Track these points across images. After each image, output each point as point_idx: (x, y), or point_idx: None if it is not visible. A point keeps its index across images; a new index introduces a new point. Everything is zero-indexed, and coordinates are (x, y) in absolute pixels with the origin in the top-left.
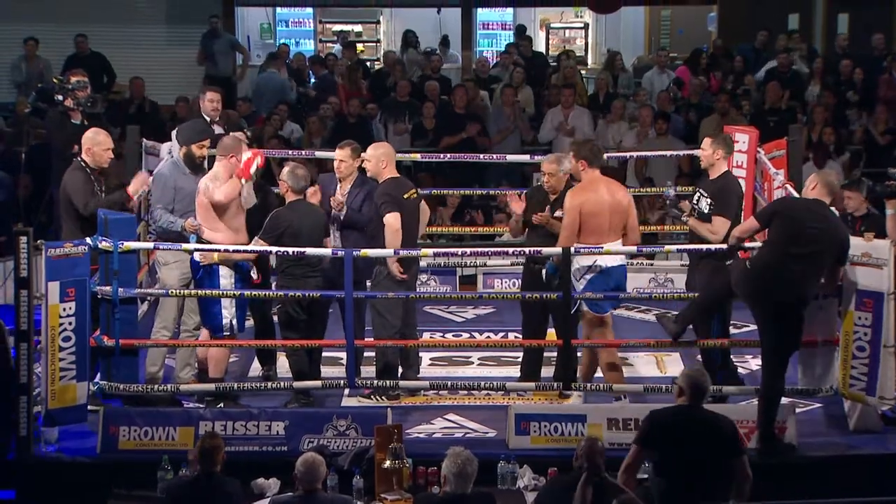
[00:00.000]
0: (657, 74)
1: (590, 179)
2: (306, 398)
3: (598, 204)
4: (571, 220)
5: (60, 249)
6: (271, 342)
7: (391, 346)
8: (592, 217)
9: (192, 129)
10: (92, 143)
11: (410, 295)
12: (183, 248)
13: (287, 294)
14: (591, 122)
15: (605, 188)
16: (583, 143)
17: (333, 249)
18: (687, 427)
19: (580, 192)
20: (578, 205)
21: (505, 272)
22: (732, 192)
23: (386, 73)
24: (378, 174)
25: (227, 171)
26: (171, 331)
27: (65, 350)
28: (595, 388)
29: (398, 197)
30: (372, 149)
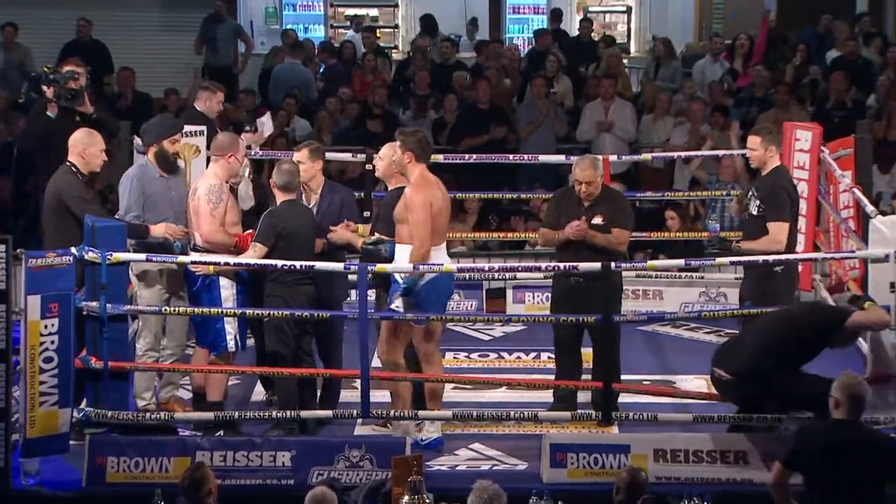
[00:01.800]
0: (709, 63)
1: (422, 174)
2: (292, 424)
3: (442, 201)
4: (426, 216)
5: (42, 260)
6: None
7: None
8: (439, 216)
9: (159, 123)
10: (85, 145)
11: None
12: (178, 260)
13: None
14: (634, 116)
15: (438, 184)
16: (410, 133)
17: (346, 263)
18: (842, 446)
19: (423, 188)
20: (426, 200)
21: (538, 285)
22: (782, 189)
23: (406, 63)
24: (389, 178)
25: (224, 173)
26: (157, 351)
27: (46, 372)
28: (638, 416)
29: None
30: (387, 149)
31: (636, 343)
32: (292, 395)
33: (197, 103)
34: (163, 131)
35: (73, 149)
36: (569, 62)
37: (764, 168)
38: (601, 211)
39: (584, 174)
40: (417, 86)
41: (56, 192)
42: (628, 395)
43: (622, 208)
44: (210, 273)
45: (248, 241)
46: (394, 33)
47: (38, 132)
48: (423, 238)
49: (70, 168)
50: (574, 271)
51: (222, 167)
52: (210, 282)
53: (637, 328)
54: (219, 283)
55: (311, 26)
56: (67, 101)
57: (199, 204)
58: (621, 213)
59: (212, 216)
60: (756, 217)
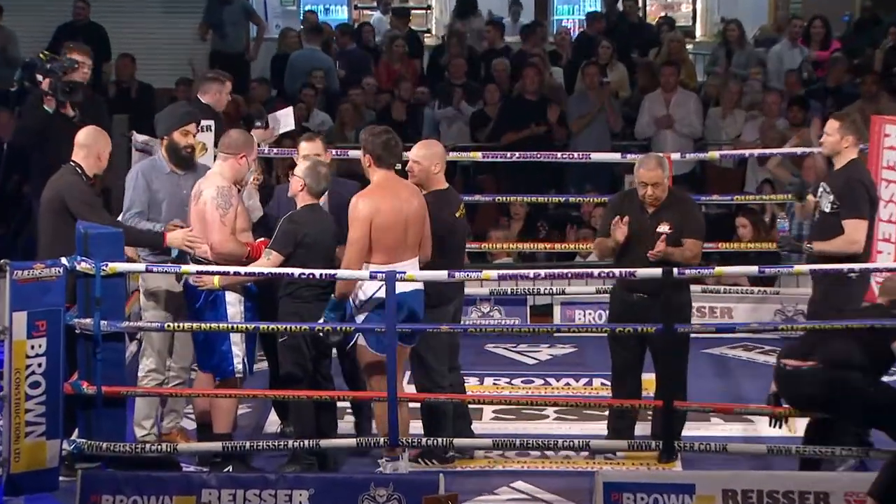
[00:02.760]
0: (787, 49)
1: (380, 181)
2: (310, 458)
3: (394, 213)
4: (361, 233)
5: (30, 271)
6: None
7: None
8: (386, 231)
9: (169, 112)
10: (102, 147)
11: (469, 328)
12: (182, 270)
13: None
14: (700, 109)
15: (399, 193)
16: (376, 132)
17: (371, 272)
18: None
19: (369, 198)
20: (369, 215)
21: (589, 301)
22: (858, 184)
23: (441, 49)
24: (427, 182)
25: (232, 174)
26: (162, 373)
27: (33, 399)
28: (706, 447)
29: (448, 217)
30: (424, 148)
31: (703, 368)
32: (309, 424)
33: (204, 96)
34: (173, 122)
35: (88, 149)
36: (625, 48)
37: (837, 160)
38: (668, 218)
39: (650, 175)
40: (452, 75)
41: (58, 195)
42: (693, 426)
43: (693, 215)
44: (215, 288)
45: (261, 250)
46: (426, 15)
47: (32, 127)
48: (349, 257)
49: (74, 169)
50: (632, 278)
51: (231, 167)
52: (214, 297)
53: (703, 351)
54: (224, 298)
55: (333, 7)
56: (65, 94)
57: (207, 209)
58: (693, 220)
59: (222, 223)
60: (829, 215)
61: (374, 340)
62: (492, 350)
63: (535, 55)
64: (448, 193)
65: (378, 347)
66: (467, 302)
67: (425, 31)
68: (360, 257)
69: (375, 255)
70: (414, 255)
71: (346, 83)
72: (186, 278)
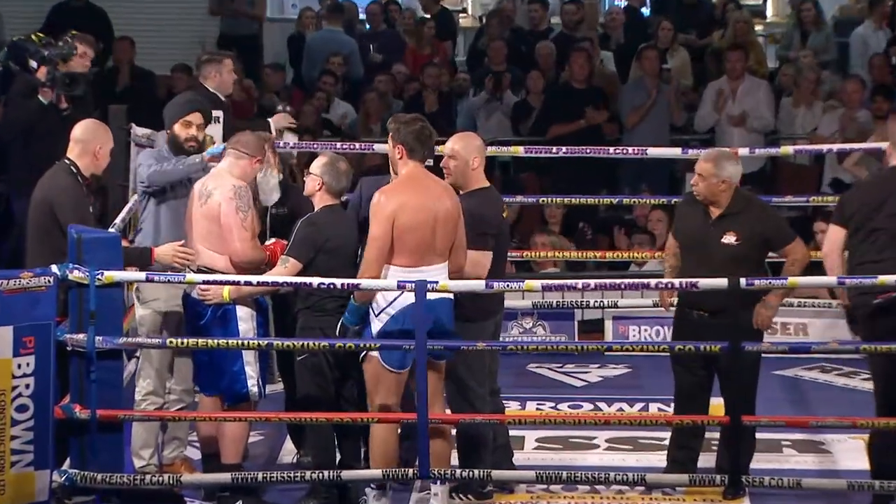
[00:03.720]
0: (871, 32)
1: (409, 175)
2: (329, 492)
3: (421, 212)
4: (382, 231)
5: (16, 281)
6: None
7: (480, 420)
8: (411, 231)
9: (172, 103)
10: (101, 142)
11: (509, 346)
12: (187, 279)
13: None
14: (771, 99)
15: (430, 189)
16: (407, 120)
17: (401, 281)
18: None
19: (394, 193)
20: (392, 212)
21: (645, 316)
22: None
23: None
24: (465, 180)
25: (244, 175)
26: (161, 396)
27: (19, 424)
28: (777, 482)
29: (494, 220)
30: (461, 140)
31: (774, 391)
32: (329, 452)
33: (206, 82)
34: (173, 112)
35: (84, 145)
36: (681, 29)
37: None
38: (734, 226)
39: (700, 165)
40: (492, 60)
41: (47, 199)
42: (763, 458)
43: (769, 217)
44: (224, 301)
45: (277, 254)
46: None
47: (20, 119)
48: (369, 259)
49: (69, 168)
50: (693, 289)
51: (243, 169)
52: (223, 312)
53: (774, 372)
54: (235, 313)
55: None
56: (65, 87)
57: (224, 212)
58: (772, 225)
59: (243, 228)
60: None
61: (390, 354)
62: (535, 370)
63: (585, 38)
64: (491, 192)
65: (393, 362)
66: (508, 316)
67: (460, 10)
68: (380, 258)
69: (398, 258)
70: (443, 260)
71: (373, 70)
72: (189, 292)
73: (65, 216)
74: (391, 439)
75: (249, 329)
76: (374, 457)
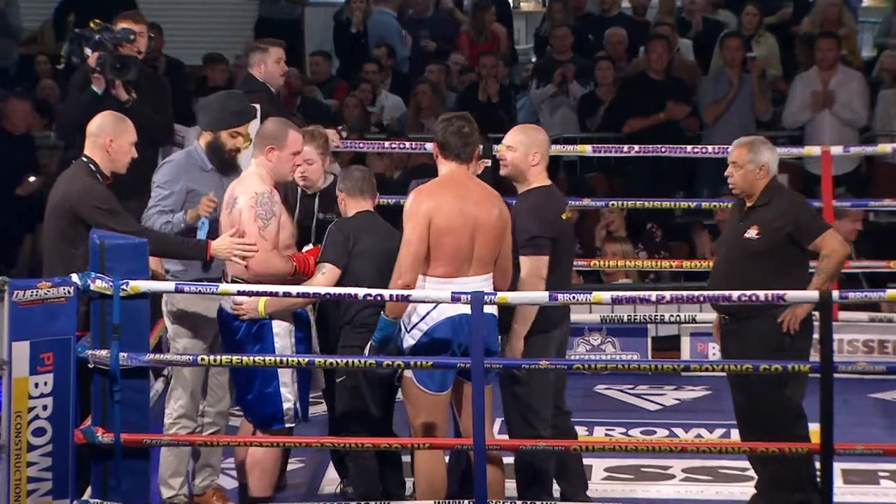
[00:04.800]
0: None
1: (448, 175)
2: None
3: (459, 215)
4: (417, 234)
5: (33, 291)
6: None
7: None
8: (446, 235)
9: (220, 106)
10: (111, 135)
11: (575, 364)
12: (221, 290)
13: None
14: (866, 91)
15: (470, 192)
16: (449, 118)
17: (454, 292)
18: None
19: (429, 193)
20: (427, 213)
21: None
22: None
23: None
24: (522, 175)
25: (269, 174)
26: (194, 419)
27: (37, 449)
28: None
29: (554, 221)
30: (521, 132)
31: (870, 416)
32: (373, 483)
33: (252, 70)
34: (223, 120)
35: (94, 139)
36: (765, 13)
37: None
38: (757, 220)
39: (733, 153)
40: (555, 49)
41: (66, 199)
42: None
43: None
44: (260, 316)
45: (310, 262)
46: None
47: (74, 113)
48: (402, 265)
49: (87, 166)
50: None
51: (264, 165)
52: (259, 328)
53: (871, 395)
54: (271, 328)
55: None
56: (115, 71)
57: (243, 220)
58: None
59: (261, 237)
60: None
61: (426, 375)
62: (603, 392)
63: (662, 23)
64: (552, 190)
65: (429, 384)
66: (574, 332)
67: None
68: (415, 265)
69: (432, 267)
70: (485, 271)
71: (424, 59)
72: (223, 306)
73: (91, 214)
74: (438, 468)
75: (287, 346)
76: (421, 487)
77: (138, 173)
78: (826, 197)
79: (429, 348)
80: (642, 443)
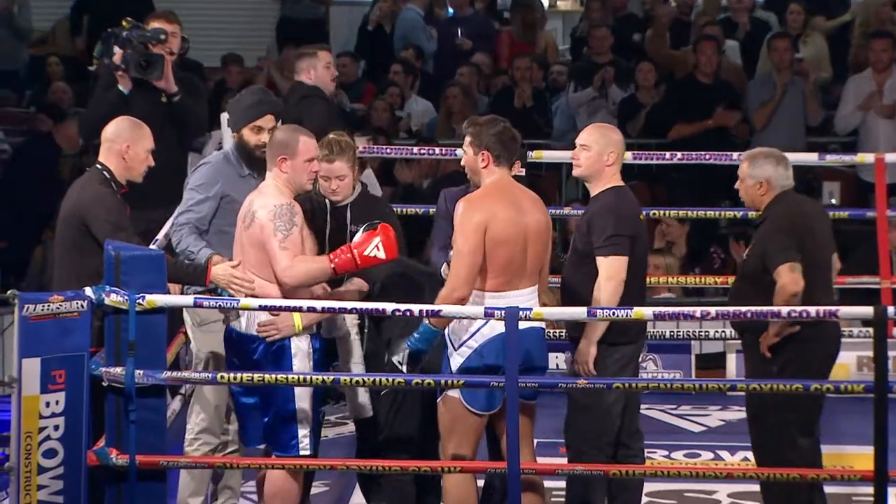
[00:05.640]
0: None
1: (496, 184)
2: None
3: (513, 225)
4: (473, 246)
5: (44, 306)
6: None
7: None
8: (502, 247)
9: (237, 102)
10: (128, 141)
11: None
12: (241, 304)
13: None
14: None
15: (520, 200)
16: (487, 121)
17: (488, 308)
18: None
19: (482, 202)
20: (482, 223)
21: None
22: None
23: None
24: (596, 176)
25: (288, 186)
26: (216, 435)
27: (48, 472)
28: None
29: (631, 218)
30: (597, 131)
31: None
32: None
33: (301, 76)
34: (239, 115)
35: (110, 144)
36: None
37: None
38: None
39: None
40: (594, 50)
41: (77, 208)
42: None
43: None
44: (297, 332)
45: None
46: None
47: (95, 114)
48: (460, 277)
49: (101, 173)
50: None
51: (279, 177)
52: (277, 348)
53: None
54: (290, 349)
55: None
56: (140, 70)
57: (266, 237)
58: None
59: (283, 248)
60: None
61: (475, 394)
62: (644, 412)
63: (708, 23)
64: (627, 191)
65: (478, 403)
66: None
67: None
68: (472, 277)
69: (482, 280)
70: (533, 283)
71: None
72: (234, 328)
73: (99, 228)
74: (470, 493)
75: (305, 369)
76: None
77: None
78: (880, 206)
79: (480, 367)
80: (686, 468)
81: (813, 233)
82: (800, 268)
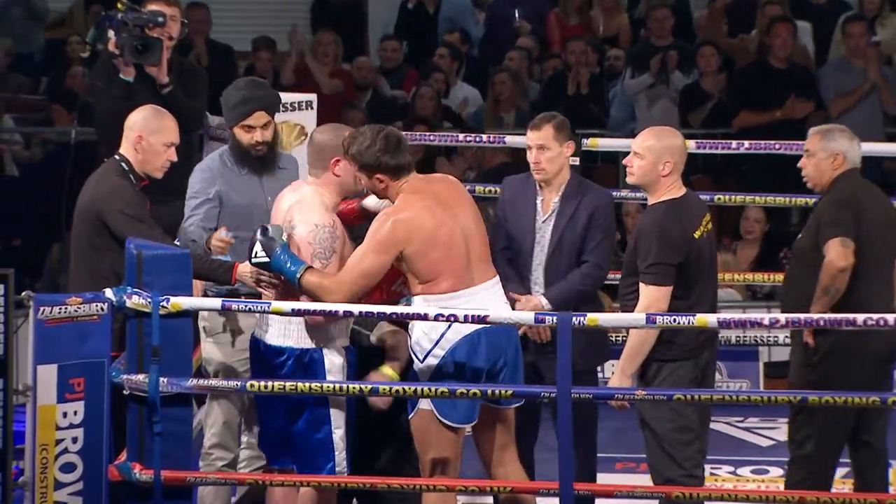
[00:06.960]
0: None
1: (411, 192)
2: None
3: (443, 225)
4: (379, 261)
5: (61, 308)
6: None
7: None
8: (436, 249)
9: (224, 100)
10: (146, 131)
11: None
12: (272, 307)
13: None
14: None
15: (438, 195)
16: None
17: (537, 314)
18: None
19: (405, 212)
20: (401, 240)
21: None
22: None
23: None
24: (651, 186)
25: (334, 194)
26: (229, 449)
27: (65, 487)
28: None
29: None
30: (653, 136)
31: None
32: None
33: None
34: (230, 115)
35: (128, 132)
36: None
37: None
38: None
39: (807, 142)
40: (653, 32)
41: (93, 202)
42: None
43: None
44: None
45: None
46: None
47: (107, 109)
48: (348, 277)
49: (119, 164)
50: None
51: (330, 183)
52: (309, 360)
53: None
54: (323, 364)
55: None
56: (135, 54)
57: (300, 254)
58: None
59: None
60: None
61: (449, 405)
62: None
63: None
64: (683, 204)
65: (455, 415)
66: None
67: None
68: (359, 292)
69: (435, 284)
70: (492, 274)
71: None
72: (259, 337)
73: (117, 222)
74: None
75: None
76: None
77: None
78: None
79: (453, 374)
80: (755, 492)
81: (876, 222)
82: (852, 245)
